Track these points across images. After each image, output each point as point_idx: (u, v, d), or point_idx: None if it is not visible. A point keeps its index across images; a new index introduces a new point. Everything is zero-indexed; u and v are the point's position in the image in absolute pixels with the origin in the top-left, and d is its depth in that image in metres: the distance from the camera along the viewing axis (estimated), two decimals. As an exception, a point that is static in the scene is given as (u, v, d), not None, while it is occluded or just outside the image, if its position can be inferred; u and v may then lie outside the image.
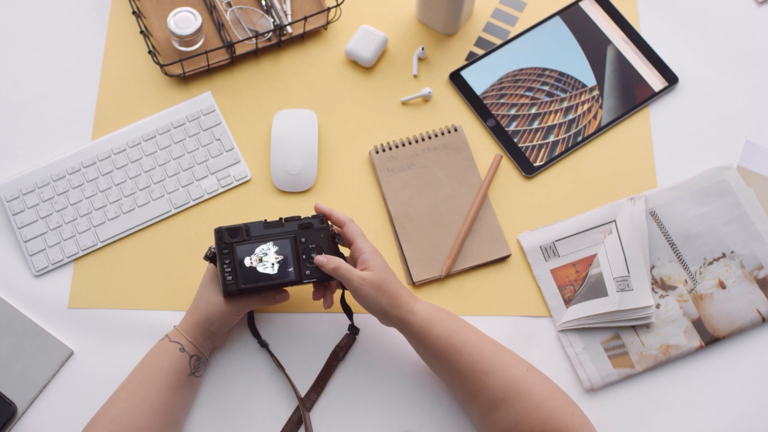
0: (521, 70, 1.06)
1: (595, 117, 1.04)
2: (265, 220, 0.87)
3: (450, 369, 0.82)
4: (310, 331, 0.94)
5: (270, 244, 0.85)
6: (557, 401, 0.80)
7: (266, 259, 0.84)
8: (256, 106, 1.05)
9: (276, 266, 0.85)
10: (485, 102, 1.04)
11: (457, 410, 0.90)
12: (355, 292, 0.82)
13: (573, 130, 1.03)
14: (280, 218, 0.88)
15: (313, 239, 0.86)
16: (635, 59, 1.07)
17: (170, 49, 1.06)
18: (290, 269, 0.85)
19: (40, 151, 1.02)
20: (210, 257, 0.86)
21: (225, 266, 0.84)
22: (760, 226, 0.97)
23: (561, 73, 1.06)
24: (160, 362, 0.85)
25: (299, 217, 0.88)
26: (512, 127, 1.03)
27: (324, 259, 0.84)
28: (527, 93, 1.04)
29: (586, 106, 1.04)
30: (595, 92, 1.05)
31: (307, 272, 0.85)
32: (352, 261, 0.87)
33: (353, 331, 0.92)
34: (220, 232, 0.85)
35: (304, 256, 0.85)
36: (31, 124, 1.03)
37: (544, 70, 1.06)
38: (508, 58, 1.07)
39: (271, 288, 0.85)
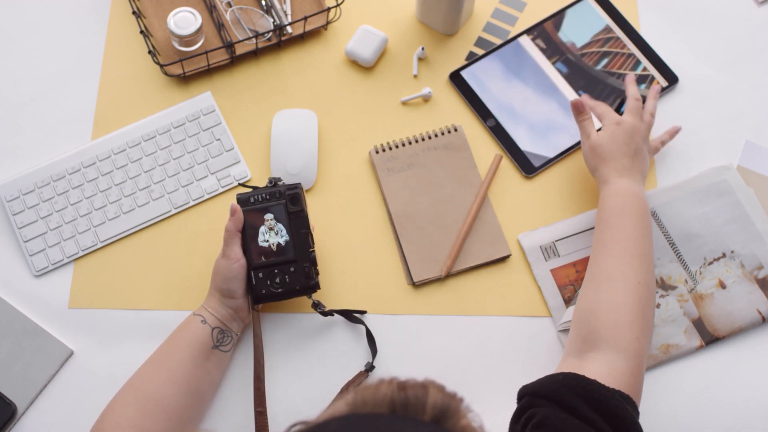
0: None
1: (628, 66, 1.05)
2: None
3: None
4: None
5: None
6: (635, 319, 0.81)
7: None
8: (256, 106, 1.05)
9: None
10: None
11: None
12: (582, 145, 0.96)
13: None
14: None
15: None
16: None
17: (170, 49, 1.06)
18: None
19: (40, 151, 1.02)
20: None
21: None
22: (760, 226, 0.97)
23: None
24: (183, 334, 0.87)
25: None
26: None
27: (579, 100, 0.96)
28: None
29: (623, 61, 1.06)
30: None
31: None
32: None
33: (369, 368, 0.91)
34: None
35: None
36: (31, 124, 1.03)
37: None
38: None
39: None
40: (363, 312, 0.94)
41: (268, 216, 0.89)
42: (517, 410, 0.76)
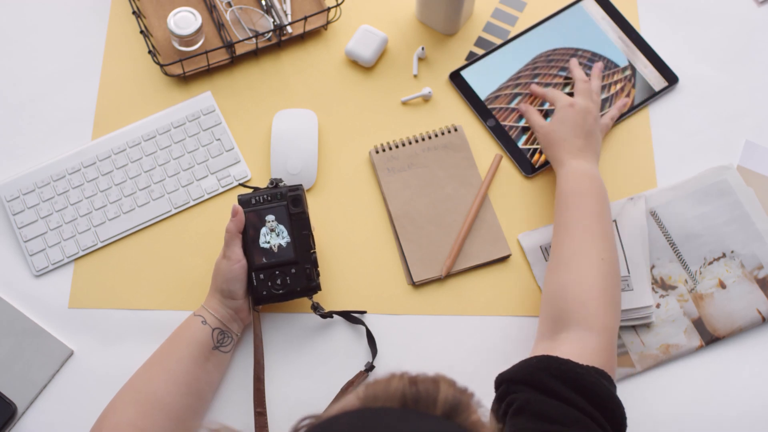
0: (554, 50, 1.07)
1: (627, 95, 1.04)
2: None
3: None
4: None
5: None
6: (601, 295, 0.82)
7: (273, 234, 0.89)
8: (256, 106, 1.05)
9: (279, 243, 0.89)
10: (495, 97, 1.04)
11: None
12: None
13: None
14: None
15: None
16: (635, 59, 1.07)
17: (170, 49, 1.06)
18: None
19: (40, 151, 1.02)
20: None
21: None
22: (760, 226, 0.97)
23: (594, 53, 1.07)
24: (183, 334, 0.87)
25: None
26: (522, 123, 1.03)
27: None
28: (560, 73, 1.05)
29: (619, 86, 1.05)
30: (628, 72, 1.05)
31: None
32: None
33: (369, 368, 0.92)
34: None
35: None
36: (30, 124, 1.03)
37: (577, 50, 1.07)
38: (523, 49, 1.07)
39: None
40: (363, 312, 0.94)
41: (270, 217, 0.89)
42: (496, 398, 0.77)
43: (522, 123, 1.03)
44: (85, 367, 0.92)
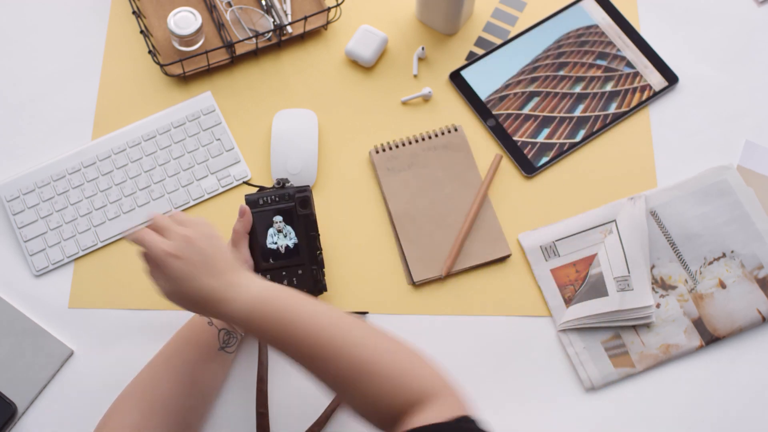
0: (587, 29, 1.07)
1: (641, 90, 1.05)
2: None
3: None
4: None
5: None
6: (408, 368, 0.71)
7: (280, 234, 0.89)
8: (256, 106, 1.05)
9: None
10: (501, 96, 1.04)
11: None
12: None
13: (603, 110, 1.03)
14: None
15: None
16: (635, 59, 1.07)
17: (170, 49, 1.06)
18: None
19: (40, 151, 1.02)
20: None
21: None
22: (760, 226, 0.97)
23: (597, 53, 1.07)
24: (189, 335, 0.86)
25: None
26: (527, 111, 1.03)
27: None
28: (597, 62, 1.06)
29: (629, 79, 1.05)
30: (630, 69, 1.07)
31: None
32: None
33: None
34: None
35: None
36: (30, 124, 1.03)
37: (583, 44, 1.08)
38: (523, 50, 1.07)
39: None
40: (365, 313, 0.94)
41: (277, 218, 0.89)
42: None
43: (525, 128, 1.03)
44: (85, 367, 0.92)
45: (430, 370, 0.71)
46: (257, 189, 0.92)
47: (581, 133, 1.03)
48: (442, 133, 1.02)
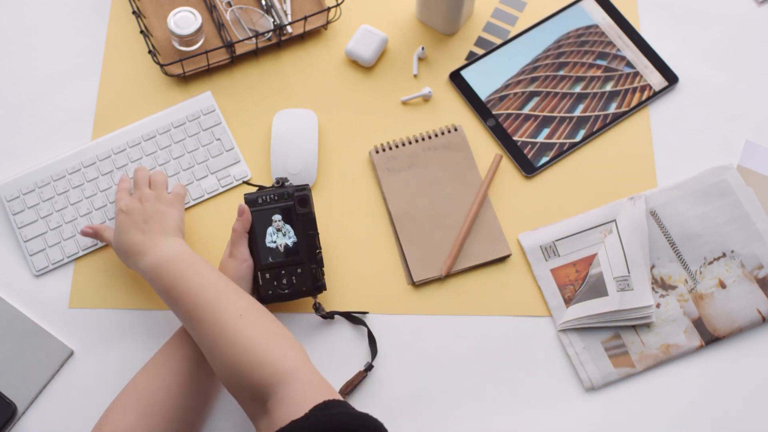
0: (586, 28, 1.08)
1: (641, 90, 1.05)
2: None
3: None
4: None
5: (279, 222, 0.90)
6: (266, 344, 0.76)
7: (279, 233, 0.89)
8: (256, 106, 1.05)
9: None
10: (503, 94, 1.04)
11: None
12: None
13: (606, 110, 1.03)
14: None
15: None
16: (635, 59, 1.07)
17: (170, 49, 1.06)
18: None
19: (40, 151, 1.02)
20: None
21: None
22: (760, 226, 0.97)
23: (598, 53, 1.07)
24: (187, 336, 0.86)
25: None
26: (530, 110, 1.03)
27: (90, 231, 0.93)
28: (597, 62, 1.06)
29: (629, 79, 1.05)
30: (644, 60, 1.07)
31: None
32: None
33: (368, 368, 0.91)
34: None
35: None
36: (30, 124, 1.03)
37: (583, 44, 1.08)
38: (522, 49, 1.07)
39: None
40: (364, 313, 0.94)
41: (276, 217, 0.89)
42: None
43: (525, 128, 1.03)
44: (85, 367, 0.92)
45: (294, 353, 0.76)
46: (257, 188, 0.92)
47: (581, 133, 1.03)
48: (442, 133, 1.02)
